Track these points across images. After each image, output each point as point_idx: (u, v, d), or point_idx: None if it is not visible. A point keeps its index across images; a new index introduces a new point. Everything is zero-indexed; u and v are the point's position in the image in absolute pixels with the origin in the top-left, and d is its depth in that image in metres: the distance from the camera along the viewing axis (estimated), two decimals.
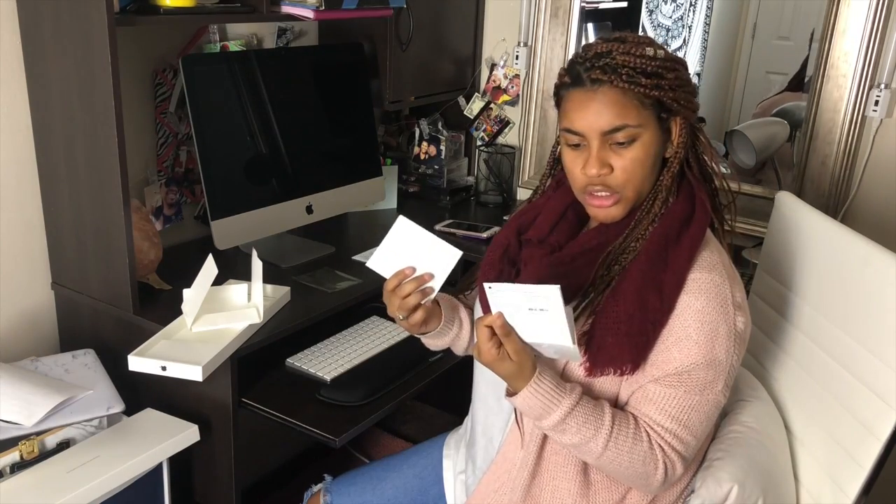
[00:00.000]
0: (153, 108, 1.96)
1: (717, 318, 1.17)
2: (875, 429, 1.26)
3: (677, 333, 1.17)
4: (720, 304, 1.17)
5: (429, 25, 2.38)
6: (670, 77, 1.19)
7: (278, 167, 1.99)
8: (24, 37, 1.64)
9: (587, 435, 1.16)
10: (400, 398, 1.60)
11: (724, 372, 1.18)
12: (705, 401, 1.18)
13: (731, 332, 1.18)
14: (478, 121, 2.65)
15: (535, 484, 1.29)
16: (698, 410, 1.18)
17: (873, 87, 2.01)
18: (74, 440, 1.48)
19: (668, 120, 1.22)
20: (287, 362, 1.66)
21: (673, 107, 1.20)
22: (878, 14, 1.96)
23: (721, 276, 1.19)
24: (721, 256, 1.23)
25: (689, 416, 1.17)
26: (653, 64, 1.18)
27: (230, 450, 1.61)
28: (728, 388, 1.20)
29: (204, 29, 1.99)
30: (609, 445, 1.16)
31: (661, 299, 1.17)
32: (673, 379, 1.17)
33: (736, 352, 1.19)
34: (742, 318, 1.20)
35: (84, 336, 1.76)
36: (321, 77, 2.12)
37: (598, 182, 1.22)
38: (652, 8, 2.66)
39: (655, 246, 1.20)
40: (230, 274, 1.80)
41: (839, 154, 2.09)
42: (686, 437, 1.18)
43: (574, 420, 1.15)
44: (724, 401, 1.21)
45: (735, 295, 1.20)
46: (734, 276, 1.23)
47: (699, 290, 1.17)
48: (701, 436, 1.21)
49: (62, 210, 1.71)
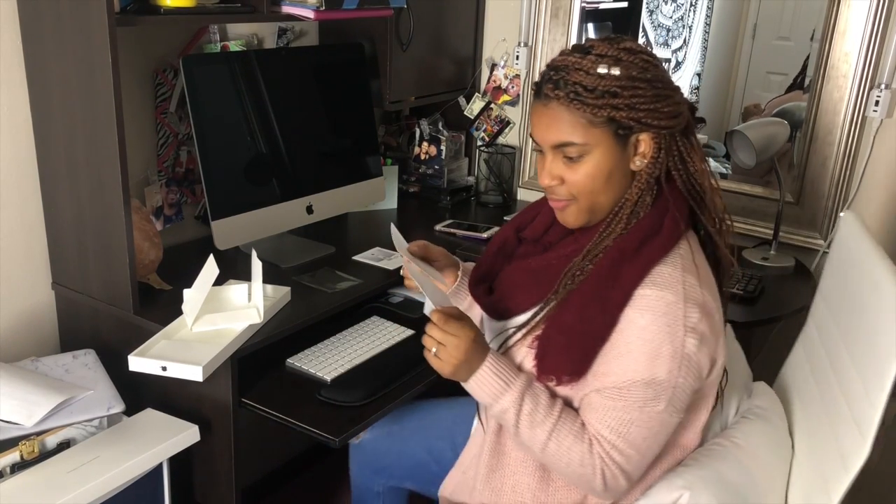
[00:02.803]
0: (153, 109, 1.96)
1: (660, 337, 1.15)
2: (848, 460, 1.21)
3: (619, 348, 1.18)
4: (667, 323, 1.15)
5: (429, 25, 2.38)
6: (626, 95, 1.18)
7: (279, 167, 1.99)
8: (25, 37, 1.64)
9: (532, 423, 1.20)
10: (400, 398, 1.60)
11: (666, 392, 1.16)
12: (646, 418, 1.17)
13: (676, 354, 1.15)
14: (478, 121, 2.65)
15: (497, 474, 1.34)
16: (639, 426, 1.18)
17: (873, 87, 2.01)
18: (75, 440, 1.48)
19: (629, 136, 1.22)
20: (287, 362, 1.66)
21: (631, 125, 1.20)
22: (879, 15, 1.96)
23: (675, 295, 1.16)
24: (685, 275, 1.18)
25: (628, 429, 1.18)
26: (604, 83, 1.18)
27: (230, 450, 1.61)
28: (677, 409, 1.20)
29: (204, 29, 1.99)
30: (552, 438, 1.20)
31: (602, 313, 1.18)
32: (613, 392, 1.18)
33: (682, 374, 1.17)
34: (694, 341, 1.16)
35: (84, 336, 1.76)
36: (322, 77, 2.12)
37: (551, 191, 1.28)
38: (652, 8, 2.66)
39: (611, 260, 1.20)
40: (230, 274, 1.80)
41: (839, 154, 2.09)
42: (626, 450, 1.18)
43: (521, 408, 1.20)
44: (672, 420, 1.20)
45: (689, 316, 1.16)
46: (696, 297, 1.18)
47: (645, 307, 1.16)
48: (647, 452, 1.21)
49: (62, 210, 1.71)
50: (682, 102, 1.24)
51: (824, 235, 2.16)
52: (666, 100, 1.21)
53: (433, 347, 1.23)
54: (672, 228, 1.21)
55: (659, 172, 1.23)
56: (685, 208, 1.24)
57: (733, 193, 2.30)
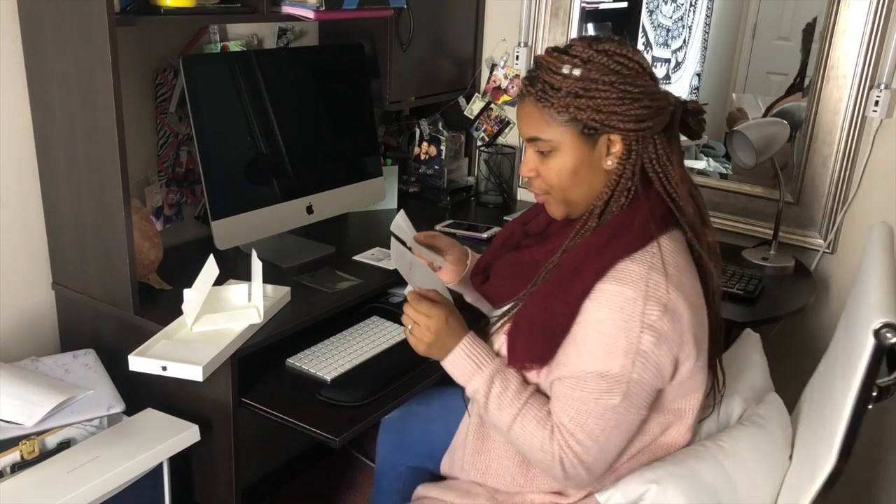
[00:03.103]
0: (153, 109, 1.96)
1: (616, 332, 1.17)
2: (817, 469, 1.19)
3: (577, 340, 1.21)
4: (624, 318, 1.17)
5: (429, 26, 2.38)
6: (588, 96, 1.21)
7: (279, 167, 1.99)
8: (25, 37, 1.64)
9: (499, 405, 1.26)
10: (400, 398, 1.60)
11: (621, 387, 1.18)
12: (601, 410, 1.20)
13: (630, 349, 1.17)
14: (478, 121, 2.65)
15: (482, 456, 1.42)
16: (596, 418, 1.20)
17: (873, 87, 2.01)
18: (75, 440, 1.48)
19: (596, 136, 1.24)
20: (287, 362, 1.66)
21: (595, 126, 1.23)
22: (878, 14, 1.96)
23: (636, 292, 1.17)
24: (651, 273, 1.18)
25: (585, 420, 1.21)
26: (568, 83, 1.22)
27: (230, 450, 1.61)
28: (636, 405, 1.21)
29: (204, 29, 2.00)
30: (516, 421, 1.26)
31: (563, 304, 1.21)
32: (571, 382, 1.22)
33: (637, 370, 1.18)
34: (650, 338, 1.17)
35: (84, 336, 1.76)
36: (321, 77, 2.12)
37: (529, 182, 1.35)
38: (652, 8, 2.66)
39: (577, 255, 1.23)
40: (231, 274, 1.81)
41: (839, 154, 2.09)
42: (584, 441, 1.21)
43: (490, 390, 1.27)
44: (630, 416, 1.22)
45: (648, 313, 1.16)
46: (659, 296, 1.18)
47: (604, 301, 1.18)
48: (606, 445, 1.23)
49: (63, 210, 1.71)
50: (659, 106, 1.24)
51: (824, 235, 2.16)
52: (633, 103, 1.21)
53: (409, 325, 1.33)
54: (642, 228, 1.22)
55: (630, 174, 1.24)
56: (661, 210, 1.25)
57: (733, 193, 2.30)
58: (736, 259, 2.17)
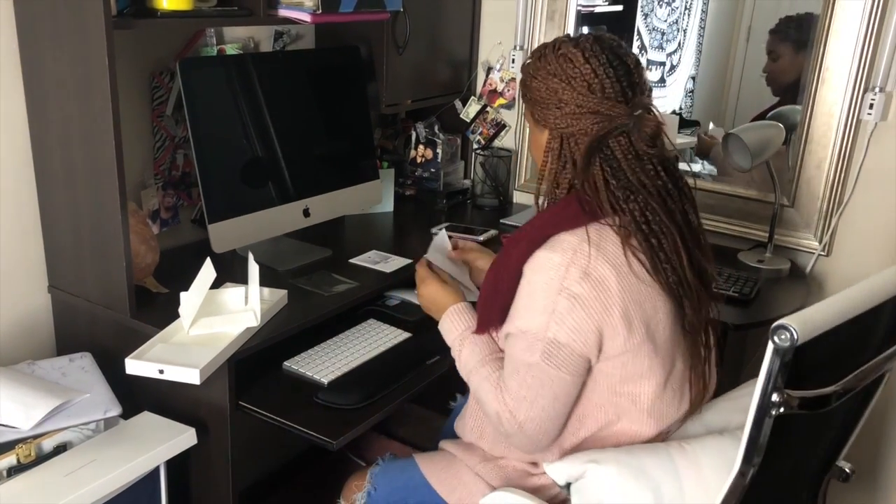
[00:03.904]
0: (150, 112, 1.96)
1: (538, 292, 1.28)
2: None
3: (515, 302, 1.33)
4: (547, 279, 1.27)
5: (425, 29, 2.39)
6: (529, 88, 1.37)
7: (275, 170, 1.99)
8: (21, 40, 1.64)
9: (467, 363, 1.42)
10: (397, 401, 1.60)
11: (539, 344, 1.27)
12: (526, 366, 1.30)
13: (547, 308, 1.26)
14: (474, 124, 2.65)
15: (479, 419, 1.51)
16: (522, 374, 1.30)
17: (868, 90, 2.02)
18: (71, 443, 1.48)
19: (539, 123, 1.38)
20: (284, 365, 1.66)
21: (534, 116, 1.38)
22: (873, 17, 1.97)
23: (563, 257, 1.27)
24: (582, 244, 1.27)
25: (513, 375, 1.32)
26: (523, 73, 1.40)
27: (227, 453, 1.61)
28: (558, 366, 1.28)
29: (201, 32, 1.99)
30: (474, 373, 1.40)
31: (505, 271, 1.35)
32: (507, 340, 1.35)
33: (552, 329, 1.26)
34: (566, 301, 1.25)
35: (81, 339, 1.76)
36: (318, 80, 2.12)
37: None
38: (647, 12, 2.67)
39: (523, 229, 1.37)
40: (227, 277, 1.80)
41: (834, 157, 2.10)
42: (515, 395, 1.31)
43: (462, 348, 1.44)
44: (560, 380, 1.28)
45: (569, 276, 1.25)
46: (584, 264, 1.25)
47: (535, 265, 1.30)
48: (536, 404, 1.30)
49: (59, 213, 1.71)
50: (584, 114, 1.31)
51: (819, 238, 2.16)
52: (556, 107, 1.32)
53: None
54: (577, 210, 1.31)
55: (558, 165, 1.36)
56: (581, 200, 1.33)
57: (728, 196, 2.31)
58: (731, 261, 2.18)
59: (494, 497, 1.38)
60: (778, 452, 1.13)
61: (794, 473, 1.40)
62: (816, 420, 1.27)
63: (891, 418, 2.15)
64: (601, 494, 1.28)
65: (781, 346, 1.04)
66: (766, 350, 1.05)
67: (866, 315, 1.17)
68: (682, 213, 1.34)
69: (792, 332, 1.03)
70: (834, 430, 1.40)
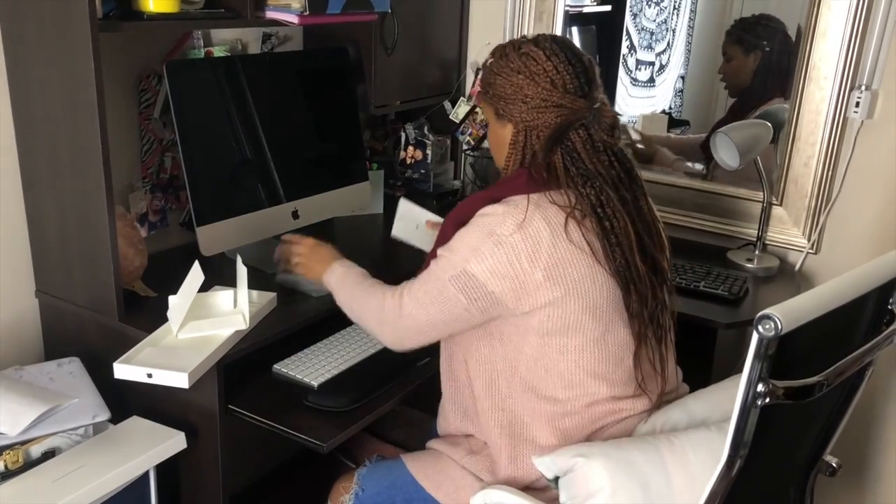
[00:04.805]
0: (137, 115, 1.95)
1: (473, 230, 1.38)
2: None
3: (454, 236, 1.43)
4: (483, 223, 1.37)
5: (414, 30, 2.38)
6: (491, 85, 1.45)
7: (264, 173, 1.98)
8: (6, 43, 1.63)
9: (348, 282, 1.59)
10: (387, 403, 1.60)
11: (455, 269, 1.37)
12: (435, 279, 1.40)
13: (474, 245, 1.36)
14: (464, 125, 2.65)
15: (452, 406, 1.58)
16: (427, 283, 1.42)
17: (854, 88, 2.03)
18: (60, 449, 1.47)
19: (504, 118, 1.45)
20: (274, 368, 1.65)
21: (497, 111, 1.46)
22: (858, 16, 1.98)
23: (505, 208, 1.37)
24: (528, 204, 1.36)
25: (420, 282, 1.44)
26: (485, 71, 1.49)
27: (217, 457, 1.60)
28: (463, 292, 1.37)
29: (188, 34, 1.99)
30: (359, 287, 1.57)
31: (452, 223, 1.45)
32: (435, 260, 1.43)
33: (472, 264, 1.35)
34: (491, 243, 1.34)
35: (69, 344, 1.75)
36: (306, 82, 2.12)
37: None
38: (636, 12, 2.68)
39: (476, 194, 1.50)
40: (216, 280, 1.80)
41: (822, 155, 2.11)
42: (415, 291, 1.44)
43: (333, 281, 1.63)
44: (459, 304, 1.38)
45: (505, 224, 1.34)
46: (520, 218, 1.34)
47: (480, 212, 1.40)
48: (425, 308, 1.42)
49: (46, 217, 1.70)
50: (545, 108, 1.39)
51: (808, 236, 2.17)
52: (521, 102, 1.40)
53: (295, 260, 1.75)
54: (526, 180, 1.40)
55: (519, 154, 1.44)
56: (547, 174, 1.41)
57: (717, 195, 2.31)
58: (721, 260, 2.18)
59: (485, 495, 1.38)
60: (765, 444, 1.14)
61: (781, 467, 1.41)
62: (802, 411, 1.27)
63: (876, 413, 2.16)
64: (590, 488, 1.28)
65: (766, 335, 1.04)
66: (751, 340, 1.06)
67: (849, 306, 1.18)
68: (633, 201, 1.42)
69: (776, 321, 1.03)
70: (820, 424, 1.41)
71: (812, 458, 1.47)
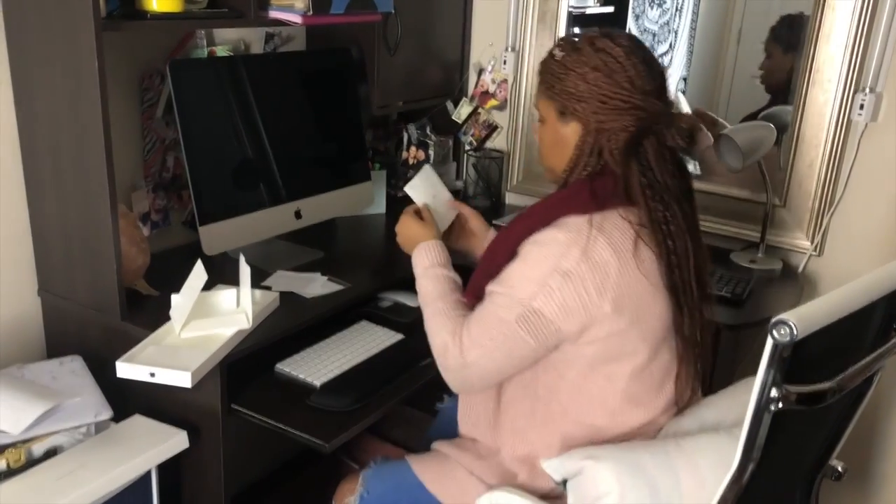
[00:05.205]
0: (140, 114, 1.95)
1: (535, 262, 1.30)
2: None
3: (507, 268, 1.34)
4: (546, 253, 1.29)
5: (417, 30, 2.38)
6: (561, 81, 1.35)
7: (266, 172, 1.98)
8: (10, 42, 1.63)
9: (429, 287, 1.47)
10: (389, 403, 1.60)
11: (518, 308, 1.29)
12: (497, 320, 1.32)
13: (540, 280, 1.28)
14: (466, 125, 2.65)
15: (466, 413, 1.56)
16: (487, 322, 1.33)
17: (858, 90, 2.03)
18: (62, 448, 1.47)
19: (568, 116, 1.37)
20: (276, 368, 1.65)
21: (564, 109, 1.36)
22: (863, 18, 1.98)
23: (566, 236, 1.28)
24: (591, 229, 1.28)
25: (480, 321, 1.35)
26: (551, 65, 1.38)
27: (219, 456, 1.60)
28: (530, 333, 1.29)
29: (191, 34, 1.99)
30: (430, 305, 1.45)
31: (505, 246, 1.37)
32: (490, 296, 1.35)
33: (540, 301, 1.28)
34: (559, 277, 1.26)
35: (71, 343, 1.75)
36: (309, 82, 2.12)
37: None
38: (638, 13, 2.68)
39: (529, 210, 1.40)
40: (218, 279, 1.80)
41: (825, 157, 2.11)
42: (473, 336, 1.35)
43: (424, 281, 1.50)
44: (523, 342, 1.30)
45: (569, 255, 1.27)
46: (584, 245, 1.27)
47: (538, 239, 1.32)
48: (488, 353, 1.33)
49: (49, 216, 1.69)
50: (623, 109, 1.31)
51: (811, 238, 2.17)
52: (596, 100, 1.32)
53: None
54: (588, 197, 1.32)
55: (587, 157, 1.35)
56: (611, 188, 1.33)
57: (720, 196, 2.31)
58: (724, 262, 2.18)
59: (492, 497, 1.38)
60: (774, 450, 1.13)
61: (789, 471, 1.41)
62: (811, 417, 1.27)
63: (881, 418, 2.16)
64: (598, 491, 1.28)
65: (781, 341, 1.04)
66: (766, 345, 1.06)
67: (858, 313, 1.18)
68: (692, 214, 1.37)
69: (791, 327, 1.03)
70: (827, 429, 1.41)
71: (818, 462, 1.47)
